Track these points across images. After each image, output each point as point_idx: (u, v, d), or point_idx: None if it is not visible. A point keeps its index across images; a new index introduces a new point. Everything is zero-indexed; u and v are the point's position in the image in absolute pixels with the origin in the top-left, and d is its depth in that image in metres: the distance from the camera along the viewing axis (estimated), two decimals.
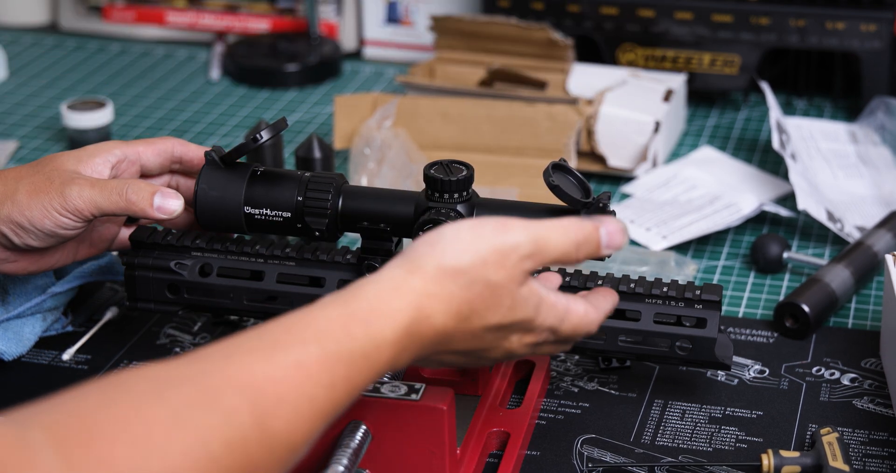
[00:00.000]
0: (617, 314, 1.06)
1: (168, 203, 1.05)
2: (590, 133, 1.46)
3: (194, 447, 0.70)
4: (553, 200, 1.02)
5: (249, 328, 0.79)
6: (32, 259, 1.10)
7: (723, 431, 1.07)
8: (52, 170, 1.06)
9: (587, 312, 0.93)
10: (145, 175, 1.13)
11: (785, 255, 1.29)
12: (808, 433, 1.07)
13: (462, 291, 0.85)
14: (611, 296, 0.97)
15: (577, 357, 1.16)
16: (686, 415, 1.09)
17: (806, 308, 1.18)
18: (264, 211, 1.06)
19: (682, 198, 1.42)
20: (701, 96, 1.66)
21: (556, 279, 1.01)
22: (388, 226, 1.05)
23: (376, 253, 1.06)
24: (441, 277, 0.84)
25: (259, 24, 1.83)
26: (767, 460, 1.01)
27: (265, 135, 1.05)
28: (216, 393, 0.73)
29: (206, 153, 1.07)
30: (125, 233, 1.15)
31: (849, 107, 1.64)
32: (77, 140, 1.53)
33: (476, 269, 0.85)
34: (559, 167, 1.02)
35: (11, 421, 0.68)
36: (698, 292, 1.04)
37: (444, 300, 0.84)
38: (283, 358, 0.77)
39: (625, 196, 1.45)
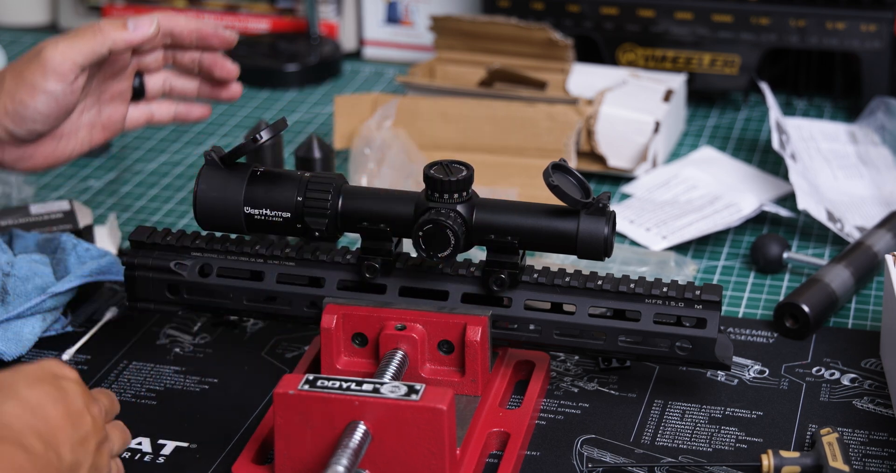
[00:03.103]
0: (617, 314, 1.06)
1: (141, 22, 1.07)
2: (590, 133, 1.46)
3: None
4: (553, 200, 1.02)
5: None
6: (48, 151, 1.11)
7: (723, 431, 1.07)
8: (30, 52, 1.08)
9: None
10: (138, 53, 1.14)
11: (785, 255, 1.29)
12: (808, 433, 1.07)
13: None
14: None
15: (577, 358, 1.16)
16: (686, 415, 1.09)
17: (806, 309, 1.18)
18: (264, 211, 1.06)
19: (682, 198, 1.42)
20: (701, 96, 1.66)
21: None
22: (388, 226, 1.05)
23: (376, 253, 1.06)
24: None
25: (259, 24, 1.83)
26: (767, 460, 1.01)
27: (265, 135, 1.05)
28: None
29: (206, 153, 1.07)
30: (134, 112, 1.17)
31: (849, 107, 1.63)
32: None
33: None
34: (559, 167, 1.02)
35: None
36: (698, 292, 1.04)
37: None
38: None
39: (625, 196, 1.45)
